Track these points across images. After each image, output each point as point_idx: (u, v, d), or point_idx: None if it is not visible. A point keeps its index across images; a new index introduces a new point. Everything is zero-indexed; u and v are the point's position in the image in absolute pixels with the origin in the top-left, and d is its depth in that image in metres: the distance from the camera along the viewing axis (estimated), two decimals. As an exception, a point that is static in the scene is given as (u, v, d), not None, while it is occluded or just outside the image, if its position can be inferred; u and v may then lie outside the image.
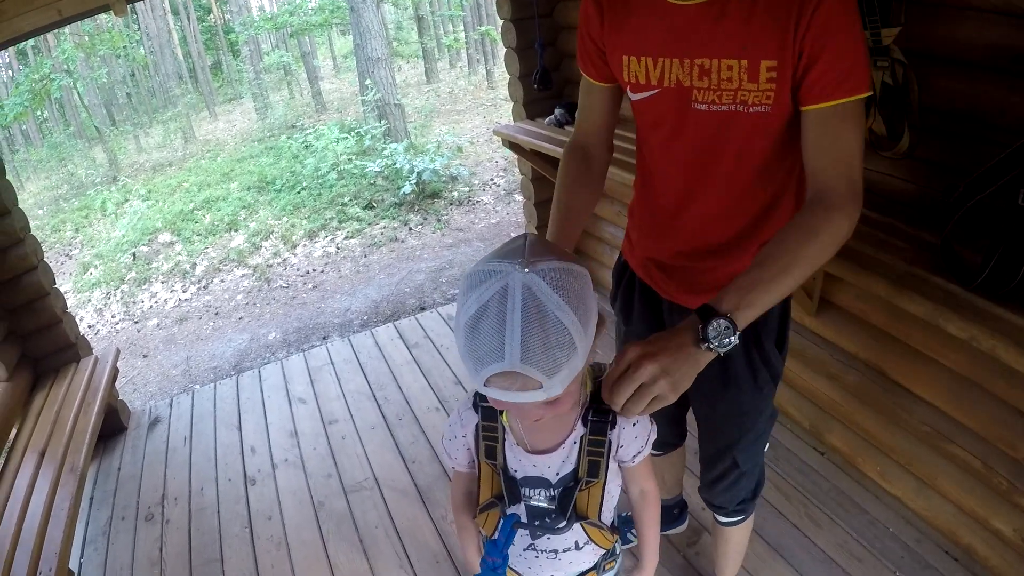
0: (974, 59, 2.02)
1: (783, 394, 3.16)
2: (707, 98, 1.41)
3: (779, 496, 2.81)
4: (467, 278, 1.06)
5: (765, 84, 1.33)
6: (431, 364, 4.09)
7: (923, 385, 2.51)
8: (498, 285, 1.00)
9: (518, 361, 0.98)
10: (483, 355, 1.00)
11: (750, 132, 1.44)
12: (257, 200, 10.69)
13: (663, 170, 1.64)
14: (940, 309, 1.85)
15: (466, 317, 1.02)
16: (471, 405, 1.42)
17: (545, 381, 1.01)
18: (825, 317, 2.85)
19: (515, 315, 0.98)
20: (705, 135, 1.48)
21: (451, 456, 1.50)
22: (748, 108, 1.38)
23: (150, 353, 6.52)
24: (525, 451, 1.36)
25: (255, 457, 3.51)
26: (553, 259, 1.04)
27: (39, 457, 2.93)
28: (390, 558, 2.80)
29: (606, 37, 1.53)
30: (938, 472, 2.51)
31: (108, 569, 2.95)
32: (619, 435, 1.35)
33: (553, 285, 1.00)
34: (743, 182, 1.53)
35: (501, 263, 1.02)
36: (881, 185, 2.43)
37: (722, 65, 1.36)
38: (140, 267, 8.99)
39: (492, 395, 1.07)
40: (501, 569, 1.38)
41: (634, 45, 1.47)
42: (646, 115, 1.58)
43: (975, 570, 2.41)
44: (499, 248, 1.10)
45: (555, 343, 1.00)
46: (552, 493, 1.37)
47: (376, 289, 6.80)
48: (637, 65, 1.48)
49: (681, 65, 1.41)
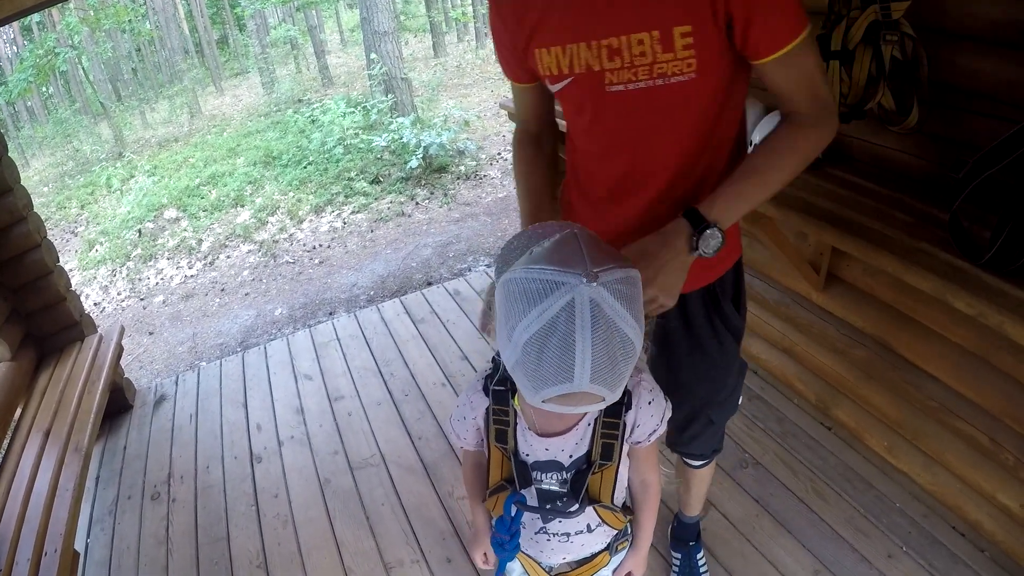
0: (984, 34, 1.99)
1: (790, 369, 3.14)
2: (622, 78, 1.36)
3: (786, 471, 2.80)
4: (521, 284, 0.98)
5: (683, 52, 1.29)
6: (437, 340, 4.07)
7: (930, 360, 2.49)
8: (563, 301, 0.93)
9: (588, 382, 0.94)
10: (549, 376, 0.95)
11: (676, 105, 1.39)
12: (263, 175, 10.65)
13: (594, 158, 1.59)
14: (948, 285, 1.83)
15: (528, 335, 0.95)
16: (481, 388, 1.39)
17: (608, 395, 0.99)
18: (832, 292, 2.83)
19: (585, 335, 0.92)
20: (629, 118, 1.43)
21: (459, 436, 1.49)
22: (669, 80, 1.33)
23: (156, 330, 6.53)
24: (537, 434, 1.34)
25: (261, 434, 3.51)
26: (614, 267, 0.98)
27: (44, 437, 2.93)
28: (396, 535, 2.81)
29: (516, 40, 1.48)
30: (945, 447, 2.49)
31: (114, 549, 2.96)
32: (635, 415, 1.33)
33: (619, 298, 0.96)
34: (678, 157, 1.48)
35: (561, 273, 0.95)
36: (890, 160, 2.40)
37: (632, 41, 1.30)
38: (146, 244, 8.99)
39: (548, 408, 1.02)
40: (509, 546, 1.38)
41: (541, 37, 1.42)
42: (568, 103, 1.53)
43: (982, 545, 2.40)
44: (551, 249, 1.01)
45: (621, 357, 0.97)
46: (564, 476, 1.36)
47: (383, 264, 6.79)
48: (548, 57, 1.43)
49: (589, 48, 1.35)
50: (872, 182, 2.36)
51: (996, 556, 2.36)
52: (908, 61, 2.09)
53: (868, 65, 2.13)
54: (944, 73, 2.09)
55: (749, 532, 2.58)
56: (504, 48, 1.55)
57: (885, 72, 2.11)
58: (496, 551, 1.43)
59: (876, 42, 2.08)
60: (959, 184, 1.88)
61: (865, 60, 2.13)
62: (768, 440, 2.95)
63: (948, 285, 1.83)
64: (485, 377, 1.40)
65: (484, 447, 1.45)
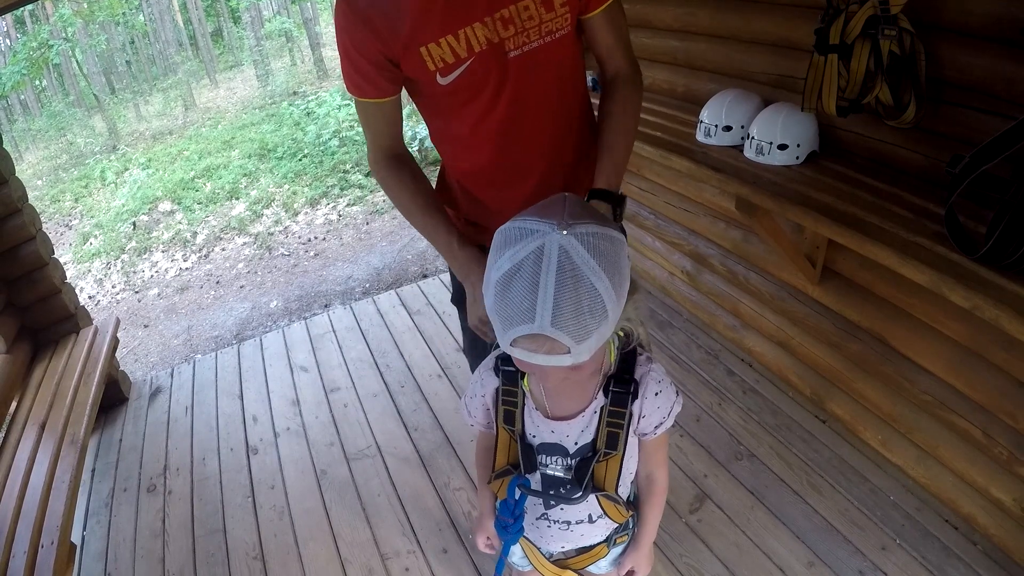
0: (981, 30, 1.99)
1: (785, 362, 3.16)
2: (519, 43, 1.52)
3: (781, 464, 2.81)
4: (501, 233, 1.04)
5: (560, 8, 1.51)
6: (433, 331, 4.08)
7: (925, 354, 2.50)
8: (534, 245, 0.98)
9: (548, 325, 0.96)
10: (513, 315, 0.99)
11: (563, 56, 1.61)
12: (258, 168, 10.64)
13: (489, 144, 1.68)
14: (944, 278, 1.83)
15: (498, 274, 1.00)
16: (492, 367, 1.41)
17: (573, 347, 1.00)
18: (828, 286, 2.84)
19: (549, 277, 0.96)
20: (529, 76, 1.58)
21: (471, 414, 1.50)
22: (555, 35, 1.54)
23: (151, 323, 6.53)
24: (544, 416, 1.35)
25: (257, 426, 3.52)
26: (592, 223, 1.01)
27: (39, 430, 2.93)
28: (392, 526, 2.81)
29: (391, 49, 1.50)
30: (939, 441, 2.50)
31: (111, 541, 2.96)
32: (641, 406, 1.33)
33: (590, 249, 0.98)
34: (570, 106, 1.72)
35: (538, 222, 1.00)
36: (887, 154, 2.40)
37: (519, 8, 1.47)
38: (140, 236, 8.97)
39: (517, 355, 1.06)
40: (513, 528, 1.38)
41: (424, 35, 1.47)
42: (459, 94, 1.59)
43: (975, 539, 2.41)
44: (536, 206, 1.07)
45: (587, 309, 0.98)
46: (569, 463, 1.36)
47: (378, 256, 6.79)
48: (439, 49, 1.49)
49: (484, 25, 1.48)
50: (869, 176, 2.36)
51: (989, 549, 2.38)
52: (906, 56, 2.09)
53: (866, 59, 2.13)
54: (941, 68, 2.10)
55: (744, 524, 2.59)
56: (368, 63, 1.54)
57: (883, 67, 2.10)
58: (500, 534, 1.44)
59: (874, 36, 2.08)
60: (955, 179, 1.88)
61: (863, 54, 2.14)
62: (763, 433, 2.97)
63: (944, 279, 1.83)
64: (497, 358, 1.40)
65: (493, 427, 1.45)
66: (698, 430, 3.03)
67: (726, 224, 3.35)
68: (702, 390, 3.25)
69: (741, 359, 3.40)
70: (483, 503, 1.61)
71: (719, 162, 2.60)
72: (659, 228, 3.87)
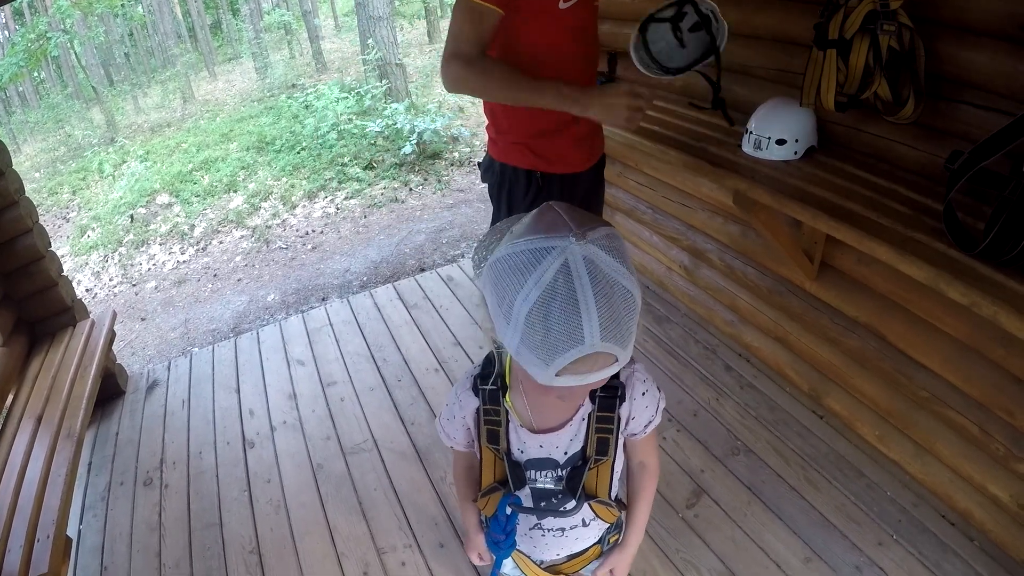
0: (980, 26, 1.99)
1: (782, 357, 3.16)
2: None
3: (778, 459, 2.81)
4: (508, 260, 0.96)
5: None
6: (430, 325, 4.07)
7: (923, 350, 2.50)
8: (558, 263, 0.91)
9: (599, 341, 0.91)
10: (557, 343, 0.92)
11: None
12: (256, 161, 10.60)
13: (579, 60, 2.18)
14: (941, 274, 1.83)
15: (528, 306, 0.92)
16: (470, 388, 1.35)
17: (620, 353, 0.96)
18: (826, 281, 2.83)
19: (587, 293, 0.90)
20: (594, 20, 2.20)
21: (449, 436, 1.47)
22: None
23: (148, 316, 6.51)
24: (531, 431, 1.31)
25: (253, 420, 3.51)
26: (598, 225, 0.96)
27: (36, 423, 2.92)
28: (389, 520, 2.81)
29: None
30: (936, 437, 2.50)
31: (107, 535, 2.96)
32: (630, 408, 1.31)
33: (610, 252, 0.94)
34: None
35: (550, 239, 0.93)
36: (885, 150, 2.40)
37: None
38: (138, 229, 8.95)
39: (563, 383, 0.99)
40: (505, 544, 1.37)
41: None
42: (567, 21, 2.04)
43: (971, 535, 2.42)
44: (531, 223, 1.00)
45: (625, 312, 0.94)
46: (560, 474, 1.34)
47: (376, 250, 6.77)
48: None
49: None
50: (867, 172, 2.35)
51: (985, 545, 2.38)
52: (905, 52, 2.08)
53: (865, 55, 2.13)
54: (941, 64, 2.09)
55: (740, 519, 2.59)
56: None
57: (882, 62, 2.10)
58: (492, 549, 1.42)
59: (873, 32, 2.08)
60: (954, 175, 1.88)
61: (862, 50, 2.13)
62: (760, 428, 2.97)
63: (942, 275, 1.83)
64: (474, 377, 1.35)
65: (475, 448, 1.43)
66: (695, 425, 3.03)
67: (724, 219, 3.34)
68: (699, 385, 3.25)
69: (739, 354, 3.40)
70: (468, 520, 1.59)
71: (717, 157, 2.60)
72: (657, 223, 3.87)
